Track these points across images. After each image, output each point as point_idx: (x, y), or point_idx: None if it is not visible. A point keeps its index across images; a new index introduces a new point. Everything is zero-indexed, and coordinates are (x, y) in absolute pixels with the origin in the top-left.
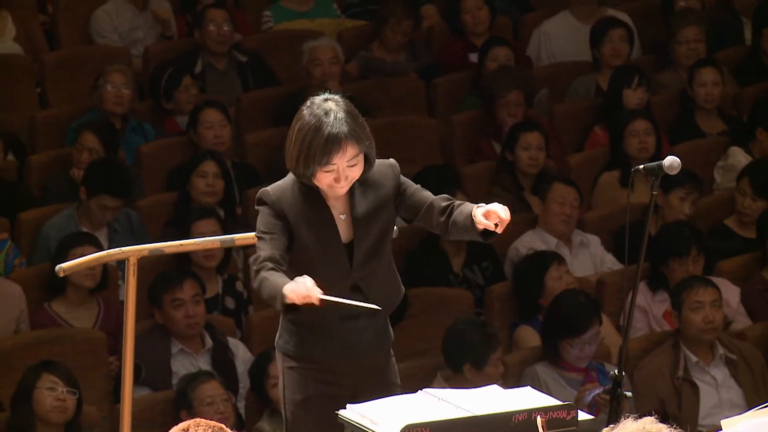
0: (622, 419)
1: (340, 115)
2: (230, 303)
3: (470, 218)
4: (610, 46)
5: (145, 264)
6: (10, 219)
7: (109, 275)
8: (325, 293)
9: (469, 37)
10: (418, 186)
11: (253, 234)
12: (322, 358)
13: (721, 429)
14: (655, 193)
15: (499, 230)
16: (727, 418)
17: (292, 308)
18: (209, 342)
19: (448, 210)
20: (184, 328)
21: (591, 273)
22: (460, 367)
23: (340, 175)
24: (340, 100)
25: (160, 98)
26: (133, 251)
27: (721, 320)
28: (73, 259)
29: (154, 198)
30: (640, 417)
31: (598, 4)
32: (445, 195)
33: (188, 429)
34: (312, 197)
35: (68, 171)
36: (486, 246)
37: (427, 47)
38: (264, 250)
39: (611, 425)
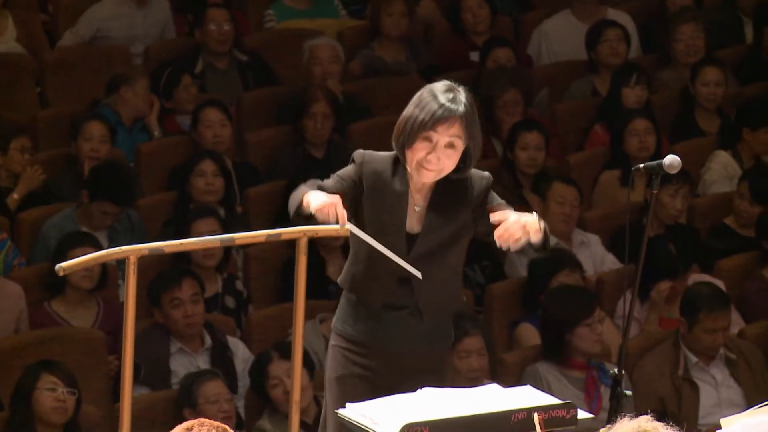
0: (619, 418)
1: (462, 98)
2: (230, 302)
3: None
4: (607, 46)
5: (145, 263)
6: (10, 219)
7: (108, 275)
8: (374, 276)
9: (469, 36)
10: (504, 202)
11: (252, 233)
12: (368, 342)
13: (720, 428)
14: (654, 192)
15: (510, 243)
16: (726, 417)
17: (306, 217)
18: (209, 341)
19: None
20: (183, 328)
21: (591, 272)
22: None
23: (435, 150)
24: (464, 89)
25: (160, 97)
26: (133, 250)
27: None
28: (73, 258)
29: (155, 197)
30: (637, 416)
31: (598, 3)
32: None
33: (192, 428)
34: (399, 178)
35: (71, 170)
36: (486, 245)
37: (428, 46)
38: (325, 181)
39: (608, 425)
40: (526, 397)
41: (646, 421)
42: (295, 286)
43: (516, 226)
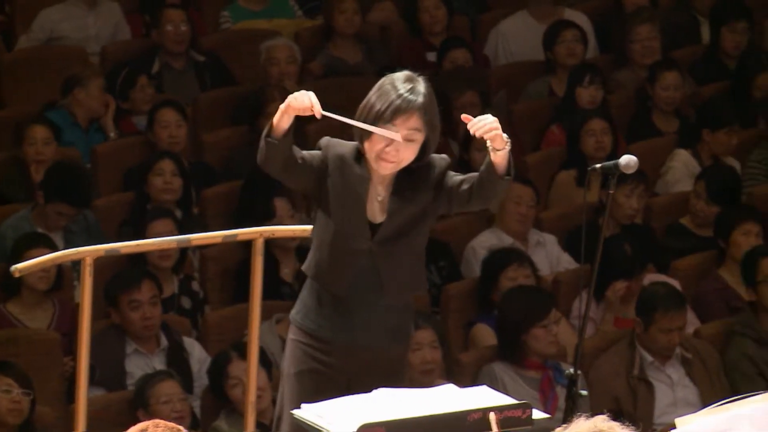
0: (575, 418)
1: (422, 89)
2: (186, 303)
3: (487, 163)
4: (564, 47)
5: (101, 264)
6: None
7: (64, 276)
8: (339, 258)
9: (426, 37)
10: (465, 176)
11: (209, 234)
12: (326, 336)
13: (675, 428)
14: (611, 192)
15: (484, 133)
16: (681, 416)
17: (276, 139)
18: (164, 342)
19: (469, 177)
20: (141, 330)
21: (547, 272)
22: None
23: (394, 142)
24: (423, 79)
25: (116, 98)
26: (89, 251)
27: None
28: (29, 259)
29: (110, 198)
30: (593, 416)
31: (554, 4)
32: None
33: (147, 429)
34: (360, 166)
35: (24, 171)
36: (442, 245)
37: (385, 47)
38: None
39: (564, 425)
40: (481, 397)
41: (602, 420)
42: (251, 286)
43: (491, 119)
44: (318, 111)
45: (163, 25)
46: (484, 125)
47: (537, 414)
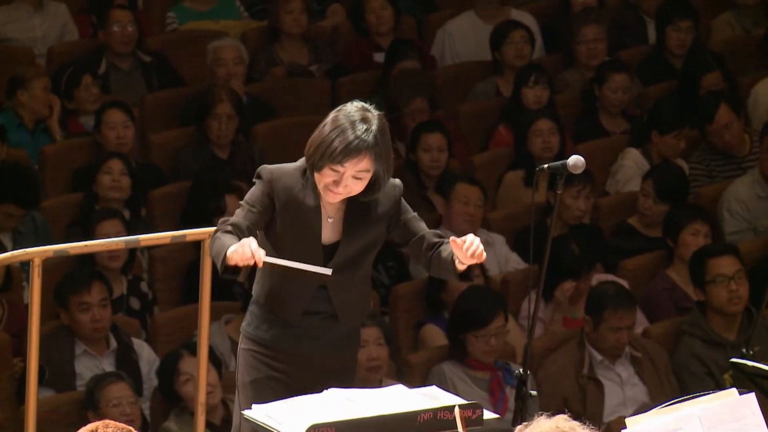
0: (536, 417)
1: (374, 128)
2: (135, 304)
3: (451, 257)
4: (512, 48)
5: (50, 265)
6: None
7: (13, 276)
8: (292, 287)
9: (373, 37)
10: (415, 214)
11: (157, 235)
12: (279, 346)
13: (625, 428)
14: (558, 192)
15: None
16: (631, 416)
17: (231, 270)
18: (114, 343)
19: (435, 246)
20: (90, 332)
21: (496, 272)
22: None
23: (342, 180)
24: (378, 116)
25: (61, 98)
26: (37, 252)
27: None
28: None
29: (58, 199)
30: (553, 415)
31: (501, 4)
32: (438, 231)
33: (97, 430)
34: (309, 190)
35: None
36: (390, 245)
37: (332, 47)
38: (236, 216)
39: (524, 423)
40: (432, 397)
41: (563, 420)
42: (201, 287)
43: (478, 242)
44: (260, 260)
45: (109, 26)
46: (477, 248)
47: (487, 414)
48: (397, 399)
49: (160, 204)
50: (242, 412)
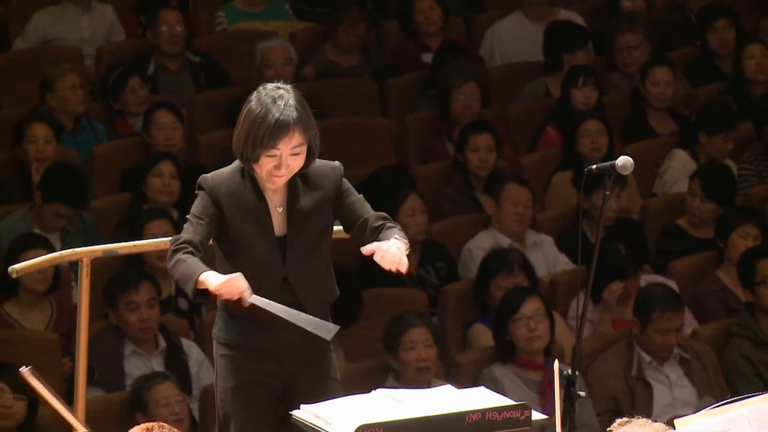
0: (635, 419)
1: (291, 101)
2: (183, 304)
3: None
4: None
5: (99, 265)
6: None
7: (61, 276)
8: (256, 283)
9: (421, 38)
10: (360, 197)
11: None
12: (253, 345)
13: (674, 428)
14: (606, 193)
15: (391, 266)
16: (680, 417)
17: (201, 294)
18: (162, 343)
19: (378, 230)
20: (138, 332)
21: (544, 273)
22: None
23: (281, 162)
24: (290, 88)
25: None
26: (86, 252)
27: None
28: (26, 260)
29: (107, 199)
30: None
31: (549, 5)
32: (383, 214)
33: (152, 430)
34: (251, 187)
35: (21, 172)
36: (440, 247)
37: (380, 48)
38: (186, 233)
39: (619, 420)
40: (480, 398)
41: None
42: None
43: (394, 250)
44: (247, 299)
45: (158, 26)
46: (394, 261)
47: (536, 415)
48: (445, 399)
49: None
50: (290, 413)
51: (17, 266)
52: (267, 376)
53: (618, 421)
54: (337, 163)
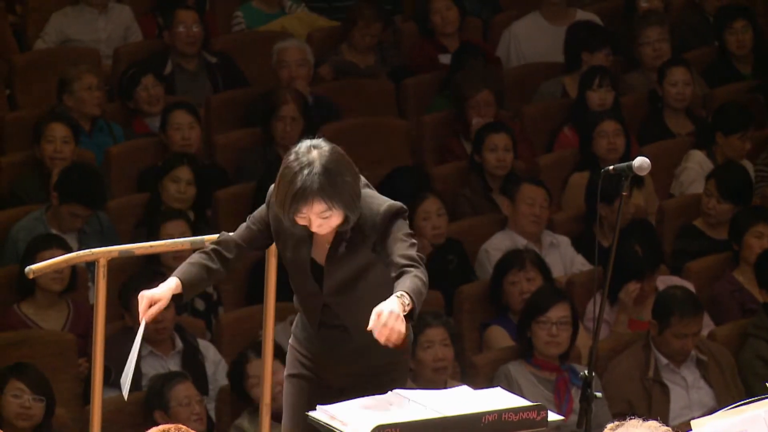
0: (627, 420)
1: (317, 169)
2: (200, 304)
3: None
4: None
5: (115, 265)
6: None
7: (78, 277)
8: (303, 300)
9: (438, 38)
10: (399, 235)
11: None
12: (308, 346)
13: (690, 429)
14: (624, 194)
15: (386, 337)
16: (696, 418)
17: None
18: (179, 344)
19: (397, 276)
20: (154, 333)
21: (561, 274)
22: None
23: (312, 222)
24: (325, 151)
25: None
26: (102, 253)
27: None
28: (42, 261)
29: (124, 199)
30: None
31: (567, 5)
32: (410, 254)
33: (170, 431)
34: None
35: (38, 172)
36: (453, 241)
37: (397, 48)
38: (234, 233)
39: (615, 423)
40: (496, 398)
41: (656, 426)
42: (266, 288)
43: (386, 318)
44: (140, 321)
45: (175, 26)
46: (392, 335)
47: (552, 416)
48: (461, 400)
49: (225, 205)
50: (306, 413)
51: (34, 266)
52: (314, 375)
53: (609, 426)
54: (384, 207)
